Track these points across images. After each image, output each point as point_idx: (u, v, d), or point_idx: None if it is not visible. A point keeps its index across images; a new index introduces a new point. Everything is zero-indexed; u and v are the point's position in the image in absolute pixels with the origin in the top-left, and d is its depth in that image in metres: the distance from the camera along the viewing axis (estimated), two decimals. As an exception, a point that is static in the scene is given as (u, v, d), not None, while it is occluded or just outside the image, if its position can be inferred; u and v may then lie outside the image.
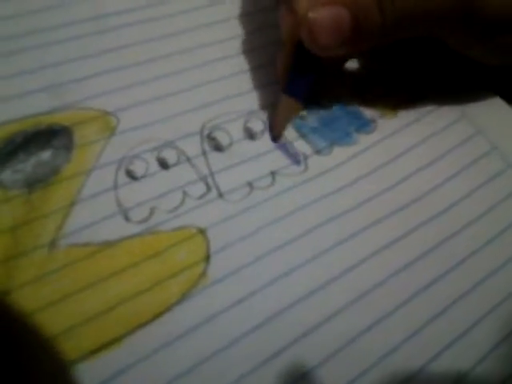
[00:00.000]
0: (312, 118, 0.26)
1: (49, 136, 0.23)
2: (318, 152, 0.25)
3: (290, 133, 0.25)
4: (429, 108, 0.27)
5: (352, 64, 0.28)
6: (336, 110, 0.26)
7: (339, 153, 0.25)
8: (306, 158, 0.24)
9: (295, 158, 0.24)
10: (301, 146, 0.25)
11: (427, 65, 0.28)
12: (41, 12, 0.26)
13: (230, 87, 0.26)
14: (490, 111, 0.28)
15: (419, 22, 0.22)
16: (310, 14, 0.22)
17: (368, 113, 0.26)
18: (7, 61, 0.24)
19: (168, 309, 0.19)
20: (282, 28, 0.25)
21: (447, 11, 0.22)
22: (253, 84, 0.26)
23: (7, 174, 0.21)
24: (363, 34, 0.22)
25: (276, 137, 0.25)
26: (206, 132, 0.24)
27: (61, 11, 0.27)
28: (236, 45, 0.28)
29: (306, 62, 0.24)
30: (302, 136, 0.25)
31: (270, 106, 0.26)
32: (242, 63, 0.27)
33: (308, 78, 0.25)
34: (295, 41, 0.23)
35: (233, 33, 0.28)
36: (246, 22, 0.29)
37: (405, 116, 0.27)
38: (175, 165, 0.23)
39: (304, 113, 0.26)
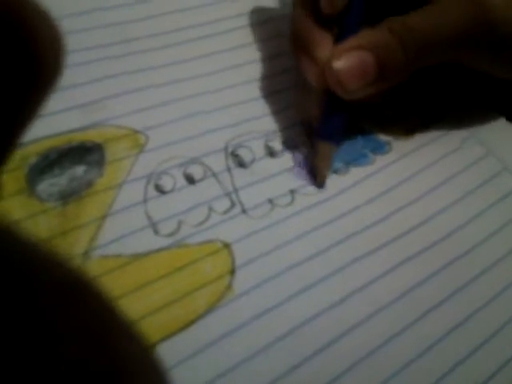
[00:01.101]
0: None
1: (82, 152, 0.24)
2: (335, 171, 0.26)
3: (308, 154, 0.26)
4: (440, 131, 0.28)
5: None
6: (351, 134, 0.27)
7: (356, 172, 0.26)
8: (324, 177, 0.25)
9: (314, 178, 0.25)
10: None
11: (439, 90, 0.29)
12: (73, 33, 0.27)
13: (252, 109, 0.27)
14: (500, 133, 0.29)
15: (439, 49, 0.23)
16: (335, 64, 0.22)
17: (382, 136, 0.28)
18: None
19: (195, 320, 0.20)
20: (308, 77, 0.25)
21: (463, 33, 0.22)
22: (273, 107, 0.28)
23: (43, 187, 0.22)
24: (388, 72, 0.23)
25: (321, 184, 0.25)
26: (230, 149, 0.25)
27: (92, 33, 0.28)
28: (260, 69, 0.29)
29: (336, 105, 0.24)
30: None
31: (288, 128, 0.27)
32: (263, 88, 0.28)
33: (340, 120, 0.25)
34: (324, 87, 0.24)
35: (257, 57, 0.30)
36: (267, 47, 0.30)
37: (418, 138, 0.28)
38: (201, 180, 0.24)
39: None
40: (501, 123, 0.29)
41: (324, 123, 0.25)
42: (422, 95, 0.29)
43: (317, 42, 0.24)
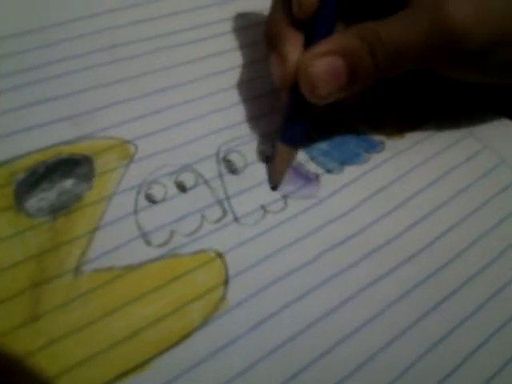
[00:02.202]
0: (321, 141, 0.26)
1: (70, 165, 0.23)
2: (329, 171, 0.25)
3: (300, 155, 0.26)
4: (434, 129, 0.28)
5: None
6: (344, 134, 0.27)
7: (351, 171, 0.26)
8: (318, 177, 0.25)
9: (307, 178, 0.25)
10: (312, 167, 0.26)
11: (430, 89, 0.29)
12: (58, 43, 0.27)
13: (243, 113, 0.27)
14: (495, 127, 0.28)
15: (408, 58, 0.23)
16: (309, 68, 0.22)
17: (376, 135, 0.27)
18: (26, 92, 0.25)
19: (191, 332, 0.20)
20: (274, 75, 0.25)
21: (431, 45, 0.22)
22: (265, 109, 0.27)
23: (32, 203, 0.22)
24: (358, 78, 0.23)
25: (275, 186, 0.25)
26: (221, 154, 0.25)
27: (78, 42, 0.28)
28: (248, 72, 0.29)
29: (300, 109, 0.24)
30: (312, 158, 0.26)
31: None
32: (254, 89, 0.28)
33: (302, 126, 0.24)
34: (287, 88, 0.24)
35: (245, 60, 0.29)
36: (256, 50, 0.30)
37: (412, 136, 0.27)
38: (193, 187, 0.24)
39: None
40: (497, 118, 0.29)
41: (285, 126, 0.25)
42: (414, 95, 0.29)
43: (287, 39, 0.24)
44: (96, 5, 0.29)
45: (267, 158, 0.25)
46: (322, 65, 0.22)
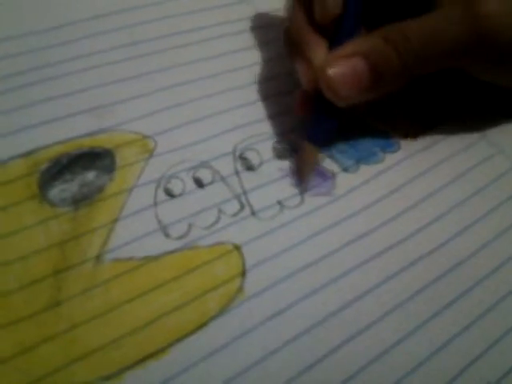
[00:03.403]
0: (338, 139, 0.27)
1: (92, 157, 0.24)
2: (345, 170, 0.26)
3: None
4: (449, 131, 0.28)
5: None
6: (361, 133, 0.27)
7: (366, 170, 0.26)
8: (334, 175, 0.26)
9: (324, 176, 0.25)
10: (328, 164, 0.26)
11: (447, 91, 0.29)
12: (81, 40, 0.28)
13: (259, 111, 0.27)
14: (508, 132, 0.29)
15: (436, 59, 0.23)
16: (329, 71, 0.22)
17: (391, 135, 0.28)
18: (51, 85, 0.26)
19: (207, 322, 0.20)
20: (301, 79, 0.25)
21: (461, 44, 0.22)
22: (281, 108, 0.28)
23: (55, 193, 0.23)
24: (383, 80, 0.23)
25: (303, 186, 0.25)
26: (237, 152, 0.26)
27: (99, 39, 0.28)
28: (265, 70, 0.29)
29: (326, 110, 0.24)
30: (329, 156, 0.26)
31: (296, 129, 0.27)
32: (270, 88, 0.28)
33: (329, 126, 0.25)
34: (315, 90, 0.24)
35: (262, 58, 0.30)
36: (274, 48, 0.30)
37: (427, 137, 0.28)
38: (210, 183, 0.24)
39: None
40: (510, 123, 0.29)
41: (312, 126, 0.25)
42: (430, 97, 0.29)
43: (311, 45, 0.24)
44: (117, 3, 0.30)
45: (280, 155, 0.26)
46: (341, 66, 0.22)
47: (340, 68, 0.22)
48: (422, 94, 0.29)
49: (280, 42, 0.28)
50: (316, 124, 0.25)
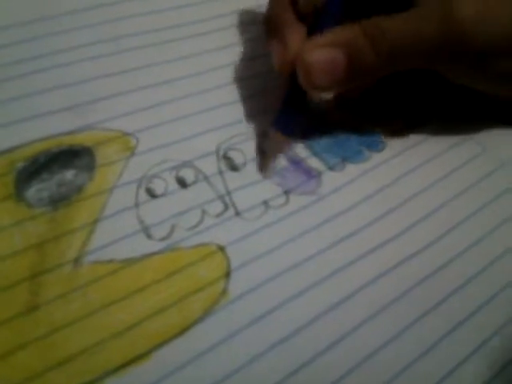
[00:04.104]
0: (324, 137, 0.27)
1: (71, 156, 0.23)
2: (330, 168, 0.26)
3: (302, 151, 0.26)
4: (435, 130, 0.28)
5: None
6: (347, 131, 0.27)
7: (352, 169, 0.26)
8: (319, 174, 0.25)
9: (310, 174, 0.25)
10: (314, 162, 0.26)
11: (433, 91, 0.29)
12: (61, 33, 0.27)
13: (243, 110, 0.27)
14: (495, 133, 0.29)
15: (411, 57, 0.23)
16: (307, 57, 0.22)
17: (377, 134, 0.27)
18: (28, 81, 0.25)
19: (192, 325, 0.20)
20: (275, 62, 0.25)
21: (436, 45, 0.22)
22: (264, 107, 0.27)
23: (32, 193, 0.22)
24: (358, 72, 0.23)
25: (266, 174, 0.25)
26: (221, 152, 0.25)
27: (81, 33, 0.28)
28: (250, 67, 0.29)
29: (297, 99, 0.24)
30: (315, 154, 0.26)
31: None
32: (255, 86, 0.28)
33: (298, 116, 0.25)
34: (287, 75, 0.24)
35: (247, 56, 0.29)
36: (259, 46, 0.30)
37: (413, 136, 0.28)
38: (193, 183, 0.24)
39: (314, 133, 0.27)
40: (496, 125, 0.29)
41: (280, 114, 0.25)
42: (417, 96, 0.29)
43: (290, 29, 0.24)
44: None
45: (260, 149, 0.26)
46: (319, 55, 0.22)
47: (318, 55, 0.22)
48: (409, 91, 0.29)
49: (263, 39, 0.27)
50: (284, 112, 0.25)
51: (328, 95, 0.24)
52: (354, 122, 0.28)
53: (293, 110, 0.24)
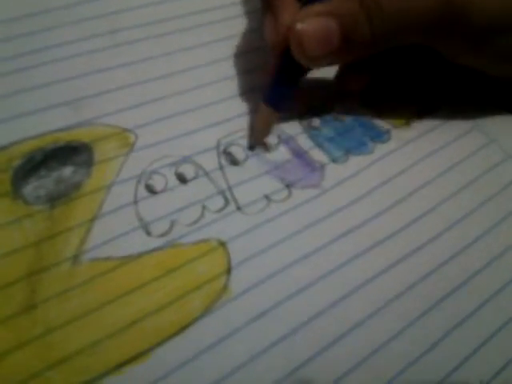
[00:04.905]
0: (327, 128, 0.26)
1: (69, 152, 0.23)
2: (334, 160, 0.25)
3: (305, 142, 0.25)
4: (441, 119, 0.28)
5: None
6: (350, 122, 0.27)
7: (355, 161, 0.25)
8: (322, 166, 0.25)
9: (312, 167, 0.25)
10: (317, 154, 0.25)
11: (437, 79, 0.29)
12: (57, 28, 0.27)
13: (244, 104, 0.26)
14: (502, 122, 0.28)
15: (409, 32, 0.22)
16: (298, 26, 0.22)
17: (382, 124, 0.27)
18: (24, 76, 0.25)
19: (192, 322, 0.19)
20: (266, 35, 0.24)
21: (435, 20, 0.22)
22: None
23: (29, 190, 0.22)
24: (352, 45, 0.22)
25: (252, 147, 0.25)
26: (221, 147, 0.25)
27: (77, 27, 0.27)
28: (251, 60, 0.28)
29: (289, 73, 0.24)
30: (318, 145, 0.25)
31: (282, 121, 0.26)
32: (256, 79, 0.27)
33: (288, 90, 0.24)
34: (280, 50, 0.24)
35: (248, 47, 0.29)
36: (259, 37, 0.29)
37: (418, 126, 0.27)
38: (193, 179, 0.23)
39: (318, 124, 0.26)
40: (503, 114, 0.29)
41: (270, 87, 0.24)
42: (421, 84, 0.29)
43: (284, 3, 0.23)
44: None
45: (267, 148, 0.25)
46: (312, 23, 0.22)
47: (311, 24, 0.22)
48: (414, 81, 0.28)
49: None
50: (275, 86, 0.24)
51: (320, 67, 0.23)
52: (359, 112, 0.27)
53: (284, 85, 0.24)
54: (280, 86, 0.24)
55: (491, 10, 0.22)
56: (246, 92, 0.27)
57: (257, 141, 0.25)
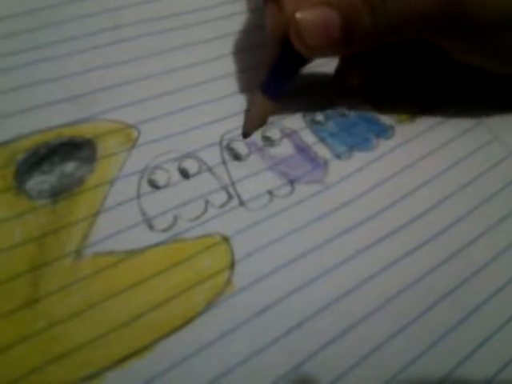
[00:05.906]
0: (331, 123, 0.26)
1: (72, 148, 0.23)
2: (337, 156, 0.25)
3: (309, 137, 0.25)
4: (445, 115, 0.27)
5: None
6: (354, 117, 0.27)
7: (359, 158, 0.25)
8: (326, 162, 0.25)
9: (315, 162, 0.24)
10: (320, 150, 0.25)
11: (441, 75, 0.29)
12: (61, 23, 0.27)
13: (247, 100, 0.26)
14: (505, 119, 0.28)
15: (409, 26, 0.22)
16: (298, 15, 0.22)
17: (386, 119, 0.27)
18: (28, 71, 0.25)
19: (195, 317, 0.19)
20: (267, 25, 0.24)
21: (434, 14, 0.22)
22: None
23: (32, 185, 0.21)
24: (353, 36, 0.22)
25: (246, 134, 0.25)
26: (225, 143, 0.25)
27: (81, 22, 0.27)
28: (254, 56, 0.28)
29: (288, 62, 0.24)
30: (322, 140, 0.25)
31: (285, 116, 0.26)
32: (260, 76, 0.27)
33: (286, 81, 0.24)
34: (279, 41, 0.23)
35: (251, 44, 0.29)
36: (262, 34, 0.29)
37: (422, 122, 0.27)
38: (196, 174, 0.23)
39: (321, 118, 0.26)
40: (507, 111, 0.28)
41: (269, 77, 0.24)
42: (425, 79, 0.29)
43: None
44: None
45: (271, 143, 0.25)
46: (313, 13, 0.22)
47: (311, 14, 0.22)
48: (418, 76, 0.28)
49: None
50: (273, 75, 0.24)
51: (320, 57, 0.23)
52: (362, 108, 0.27)
53: (281, 75, 0.24)
54: (278, 75, 0.24)
55: (493, 5, 0.21)
56: (250, 88, 0.27)
57: (251, 129, 0.25)
